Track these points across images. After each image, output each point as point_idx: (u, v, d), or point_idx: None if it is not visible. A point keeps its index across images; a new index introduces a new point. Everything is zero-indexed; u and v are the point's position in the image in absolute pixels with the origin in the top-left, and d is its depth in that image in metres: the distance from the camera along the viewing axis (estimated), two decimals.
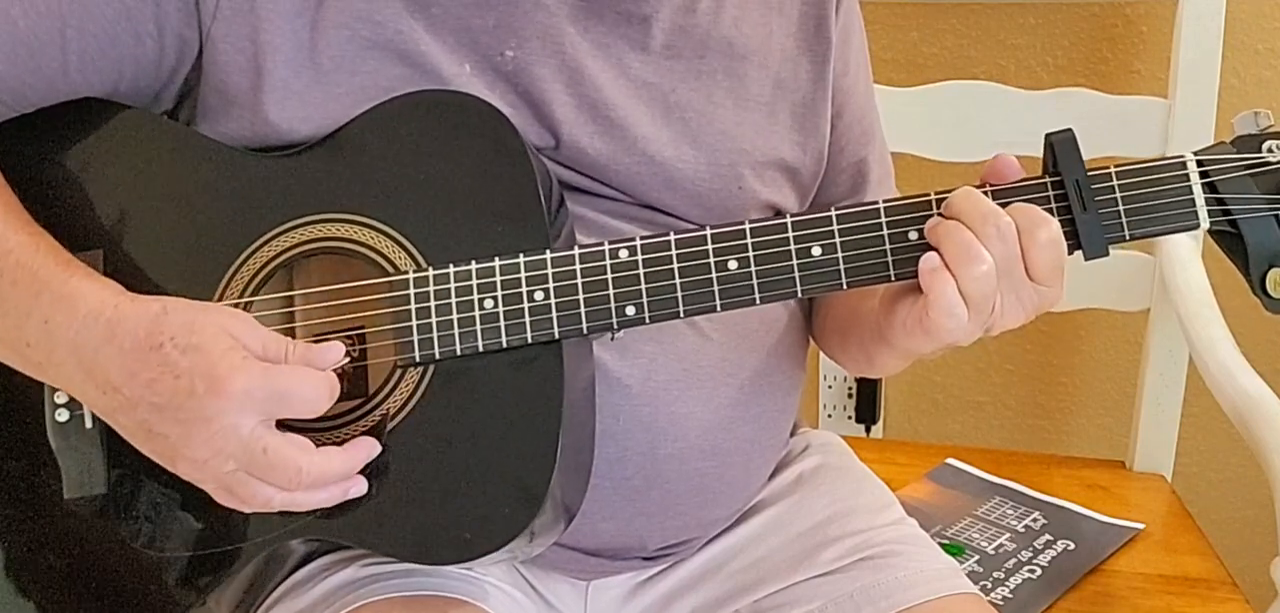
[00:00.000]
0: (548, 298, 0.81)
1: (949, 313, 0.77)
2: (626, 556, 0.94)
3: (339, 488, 0.78)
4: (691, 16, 0.91)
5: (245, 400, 0.73)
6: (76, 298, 0.77)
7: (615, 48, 0.89)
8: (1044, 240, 0.77)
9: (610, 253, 0.81)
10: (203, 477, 0.76)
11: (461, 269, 0.81)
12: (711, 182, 0.91)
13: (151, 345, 0.74)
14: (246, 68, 0.83)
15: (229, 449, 0.74)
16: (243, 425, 0.74)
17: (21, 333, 0.78)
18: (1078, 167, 0.81)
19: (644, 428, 0.88)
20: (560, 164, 0.88)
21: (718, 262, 0.81)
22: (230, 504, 0.77)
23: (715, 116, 0.91)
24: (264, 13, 0.83)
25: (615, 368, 0.87)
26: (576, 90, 0.87)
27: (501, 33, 0.86)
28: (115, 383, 0.75)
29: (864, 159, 1.04)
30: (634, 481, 0.88)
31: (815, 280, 0.81)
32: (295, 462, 0.75)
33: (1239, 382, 1.27)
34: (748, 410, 0.93)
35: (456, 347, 0.81)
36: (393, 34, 0.84)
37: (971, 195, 0.79)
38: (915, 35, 1.59)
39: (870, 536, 0.96)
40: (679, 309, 0.81)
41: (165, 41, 0.84)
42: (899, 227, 0.81)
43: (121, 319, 0.76)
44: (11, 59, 0.82)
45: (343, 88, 0.84)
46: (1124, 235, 0.81)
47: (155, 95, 0.87)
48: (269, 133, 0.83)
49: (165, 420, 0.74)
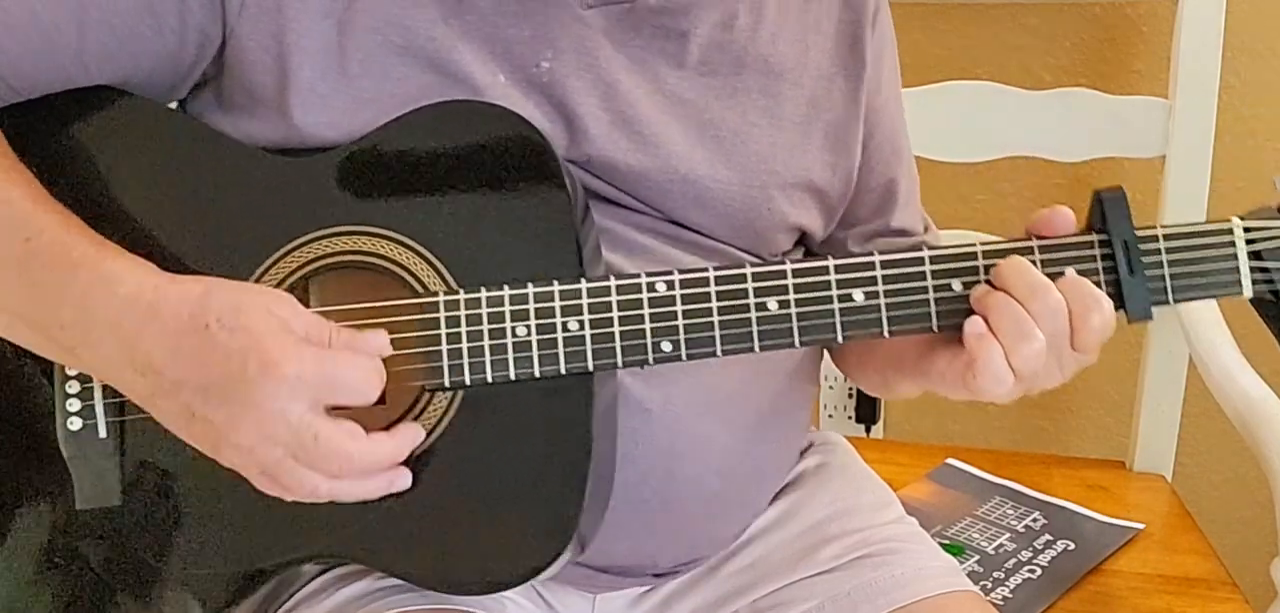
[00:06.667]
0: (582, 329, 0.78)
1: (997, 381, 0.77)
2: (637, 573, 0.94)
3: (385, 478, 0.76)
4: (729, 33, 0.90)
5: (297, 385, 0.71)
6: (116, 278, 0.74)
7: (651, 63, 0.87)
8: (1096, 324, 0.77)
9: (647, 286, 0.79)
10: (247, 463, 0.74)
11: (494, 294, 0.78)
12: (742, 201, 0.89)
13: (197, 326, 0.72)
14: (271, 67, 0.82)
15: (278, 435, 0.72)
16: (293, 411, 0.72)
17: (56, 314, 0.75)
18: (1127, 227, 0.79)
19: (663, 452, 0.86)
20: (590, 175, 0.86)
21: (758, 302, 0.79)
22: (272, 492, 0.75)
23: (749, 136, 0.90)
24: (291, 12, 0.81)
25: (636, 391, 0.85)
26: (610, 104, 0.86)
27: (537, 43, 0.84)
28: (158, 365, 0.73)
29: (893, 179, 1.02)
30: (651, 503, 0.87)
31: (857, 326, 0.80)
32: (346, 448, 0.73)
33: (1239, 382, 1.27)
34: (765, 432, 0.93)
35: (487, 374, 0.78)
36: (425, 40, 0.83)
37: (1023, 269, 0.78)
38: (917, 35, 1.59)
39: (869, 534, 0.96)
40: (716, 348, 0.79)
41: (186, 35, 0.82)
42: (944, 277, 0.80)
43: (164, 300, 0.73)
44: (25, 43, 0.80)
45: (370, 94, 0.82)
46: (1167, 299, 0.80)
47: (169, 88, 0.85)
48: (294, 136, 0.82)
49: (211, 403, 0.72)
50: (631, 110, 0.86)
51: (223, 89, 0.84)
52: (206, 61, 0.84)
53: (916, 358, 0.87)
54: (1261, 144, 1.57)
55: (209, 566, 0.82)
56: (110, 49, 0.81)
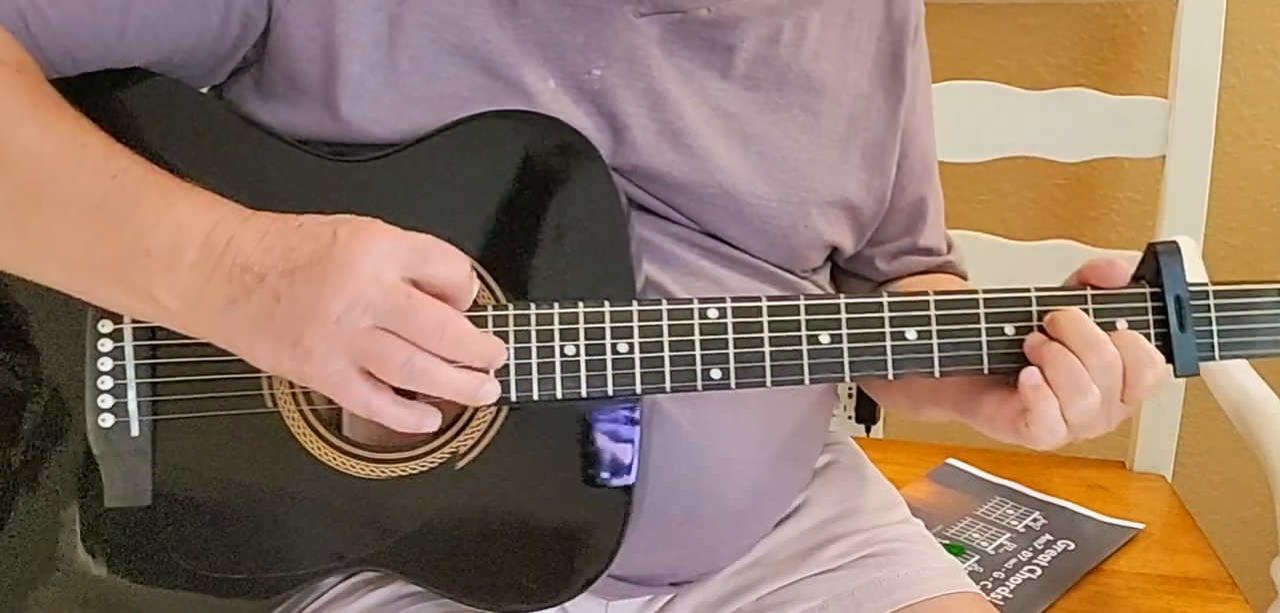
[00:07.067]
0: (632, 351, 0.77)
1: (1050, 432, 0.78)
2: (655, 583, 0.93)
3: (473, 380, 0.73)
4: (774, 47, 0.89)
5: (391, 250, 0.70)
6: (216, 203, 0.74)
7: (698, 75, 0.87)
8: (1149, 381, 0.78)
9: (699, 311, 0.78)
10: (332, 347, 0.71)
11: (543, 310, 0.77)
12: (780, 217, 0.89)
13: (290, 225, 0.72)
14: (318, 57, 0.81)
15: (370, 297, 0.70)
16: (386, 273, 0.70)
17: (141, 242, 0.73)
18: (1181, 282, 0.80)
19: (692, 468, 0.86)
20: (633, 184, 0.86)
21: (810, 335, 0.79)
22: (356, 394, 0.72)
23: (789, 152, 0.89)
24: (341, 2, 0.80)
25: (668, 407, 0.84)
26: (658, 115, 0.85)
27: (590, 51, 0.84)
28: (245, 261, 0.71)
29: (923, 198, 1.02)
30: (676, 518, 0.87)
31: (908, 365, 0.79)
32: (440, 314, 0.71)
33: (1239, 382, 1.27)
34: (789, 449, 0.93)
35: (534, 391, 0.77)
36: (479, 41, 0.82)
37: (1080, 322, 0.78)
38: None
39: (874, 534, 0.96)
40: (766, 378, 0.79)
41: (231, 16, 0.81)
42: (996, 320, 0.80)
43: (260, 215, 0.74)
44: (69, 16, 0.79)
45: (419, 92, 0.81)
46: (1214, 356, 0.80)
47: (208, 71, 0.84)
48: (338, 130, 0.81)
49: (298, 283, 0.70)
50: (679, 121, 0.86)
51: (264, 75, 0.83)
52: (248, 45, 0.83)
53: (958, 396, 0.87)
54: (1261, 144, 1.57)
55: (239, 570, 0.81)
56: (153, 24, 0.80)
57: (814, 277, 0.96)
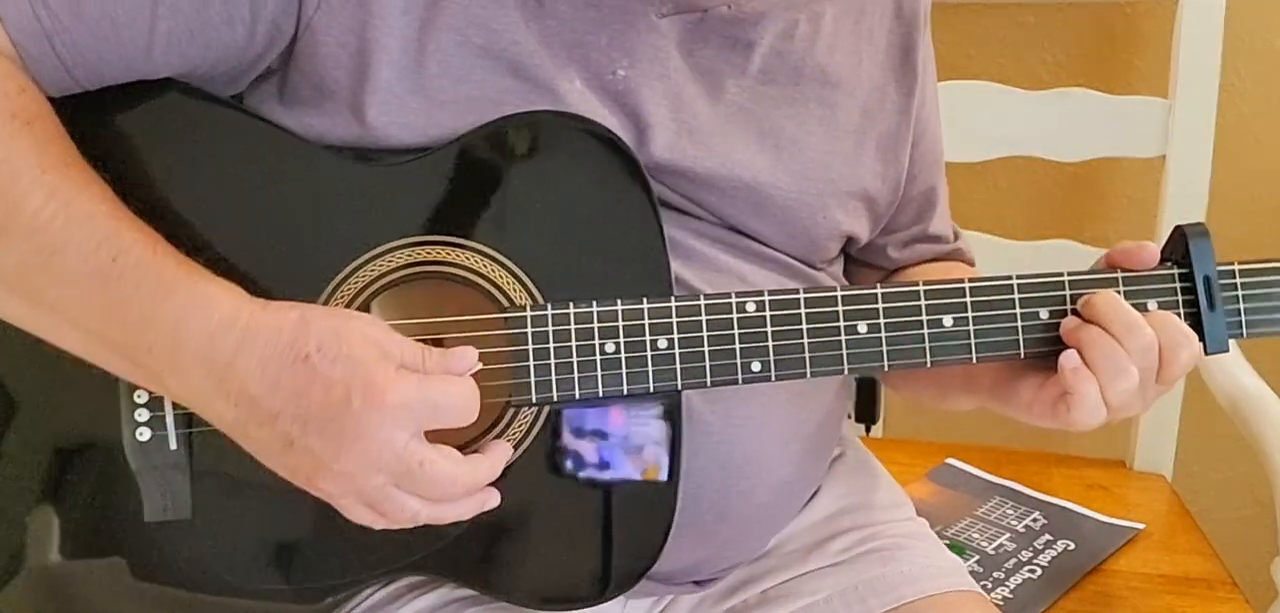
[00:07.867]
0: (671, 347, 0.78)
1: (1091, 414, 0.79)
2: (678, 581, 0.93)
3: (478, 498, 0.76)
4: (789, 42, 0.90)
5: (402, 413, 0.71)
6: (210, 302, 0.72)
7: (717, 71, 0.88)
8: (1185, 360, 0.80)
9: (738, 305, 0.79)
10: (345, 490, 0.73)
11: (582, 310, 0.78)
12: (799, 209, 0.89)
13: (297, 356, 0.70)
14: (348, 64, 0.80)
15: (383, 462, 0.71)
16: (398, 439, 0.71)
17: (143, 337, 0.72)
18: (1209, 263, 0.82)
19: (721, 467, 0.86)
20: (655, 181, 0.85)
21: (847, 325, 0.80)
22: (364, 519, 0.74)
23: (806, 144, 0.90)
24: (375, 7, 0.80)
25: (698, 406, 0.84)
26: (678, 113, 0.86)
27: (613, 51, 0.84)
28: (253, 394, 0.71)
29: (933, 187, 1.03)
30: (705, 517, 0.87)
31: (945, 352, 0.81)
32: (450, 473, 0.73)
33: (1239, 381, 1.27)
34: (813, 443, 0.94)
35: (575, 390, 0.78)
36: (508, 43, 0.82)
37: (1117, 304, 0.79)
38: None
39: (880, 530, 0.96)
40: (806, 370, 0.80)
41: (257, 28, 0.80)
42: (1031, 305, 0.81)
43: (259, 328, 0.71)
44: (95, 33, 0.77)
45: (448, 96, 0.81)
46: (1241, 333, 0.83)
47: (231, 80, 0.83)
48: (365, 135, 0.80)
49: (311, 433, 0.71)
50: (697, 120, 0.86)
51: (288, 82, 0.83)
52: (274, 55, 0.82)
53: (993, 383, 0.87)
54: (1261, 144, 1.57)
55: (285, 581, 0.81)
56: (179, 39, 0.79)
57: (830, 268, 0.97)
